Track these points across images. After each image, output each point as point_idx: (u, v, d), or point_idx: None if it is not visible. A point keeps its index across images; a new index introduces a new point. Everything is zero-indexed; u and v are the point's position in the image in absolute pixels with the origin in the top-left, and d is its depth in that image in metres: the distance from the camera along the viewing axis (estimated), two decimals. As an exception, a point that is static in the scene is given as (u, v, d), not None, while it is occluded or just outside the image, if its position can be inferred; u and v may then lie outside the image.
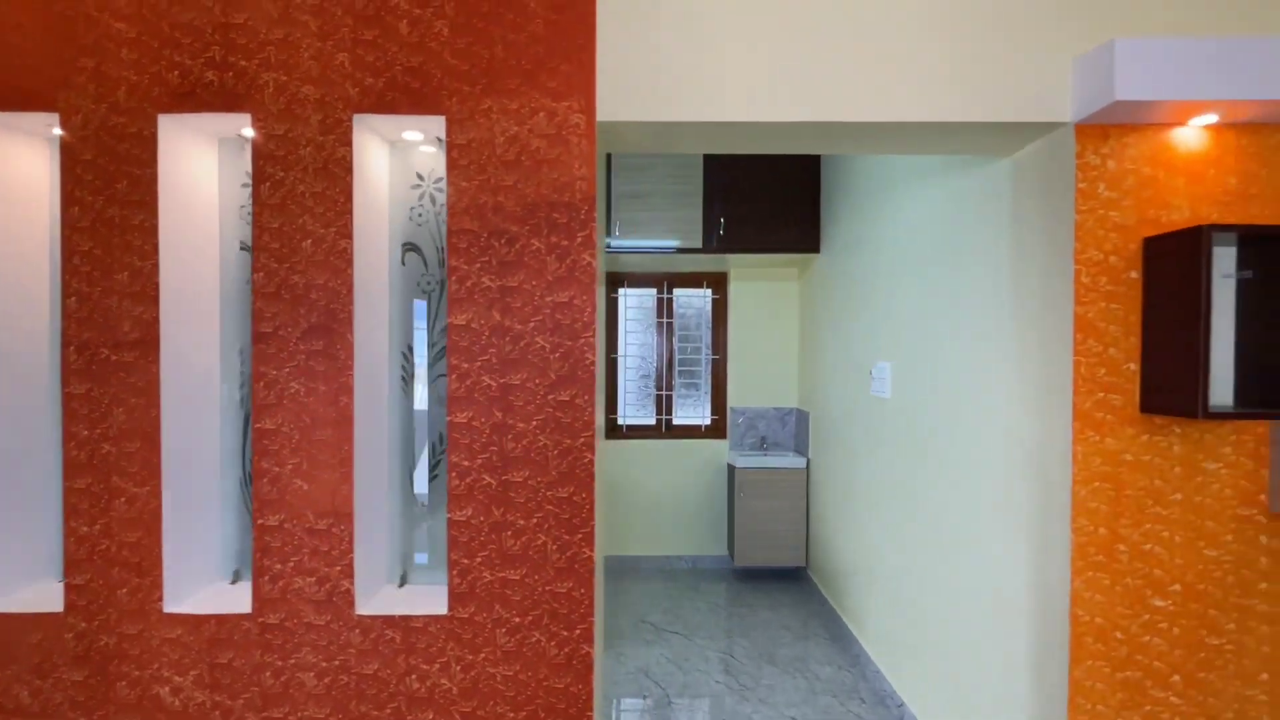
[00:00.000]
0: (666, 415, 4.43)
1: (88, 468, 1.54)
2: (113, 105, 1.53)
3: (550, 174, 1.53)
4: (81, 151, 1.53)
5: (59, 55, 1.53)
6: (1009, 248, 1.83)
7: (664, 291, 4.45)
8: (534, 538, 1.55)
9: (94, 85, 1.53)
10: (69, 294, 1.53)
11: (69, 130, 1.53)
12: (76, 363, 1.53)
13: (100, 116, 1.53)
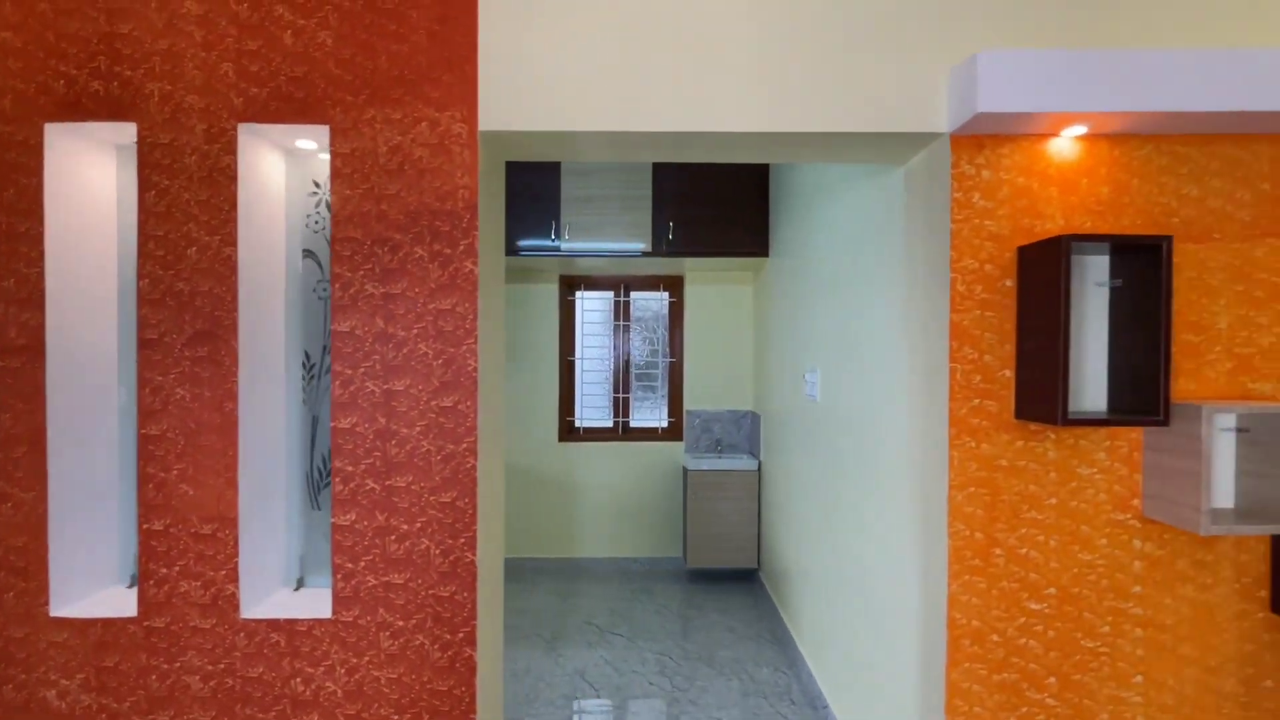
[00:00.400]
0: (624, 418, 4.46)
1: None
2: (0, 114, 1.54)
3: (433, 183, 1.55)
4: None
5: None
6: (902, 256, 1.86)
7: (621, 294, 4.47)
8: (417, 542, 1.57)
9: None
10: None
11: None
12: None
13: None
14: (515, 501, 4.33)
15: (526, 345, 4.33)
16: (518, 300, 4.32)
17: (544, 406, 4.33)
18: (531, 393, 4.33)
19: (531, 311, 4.33)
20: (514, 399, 4.32)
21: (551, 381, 4.33)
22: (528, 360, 4.32)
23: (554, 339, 4.34)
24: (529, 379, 4.32)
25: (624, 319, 4.48)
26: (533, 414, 4.33)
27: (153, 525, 1.55)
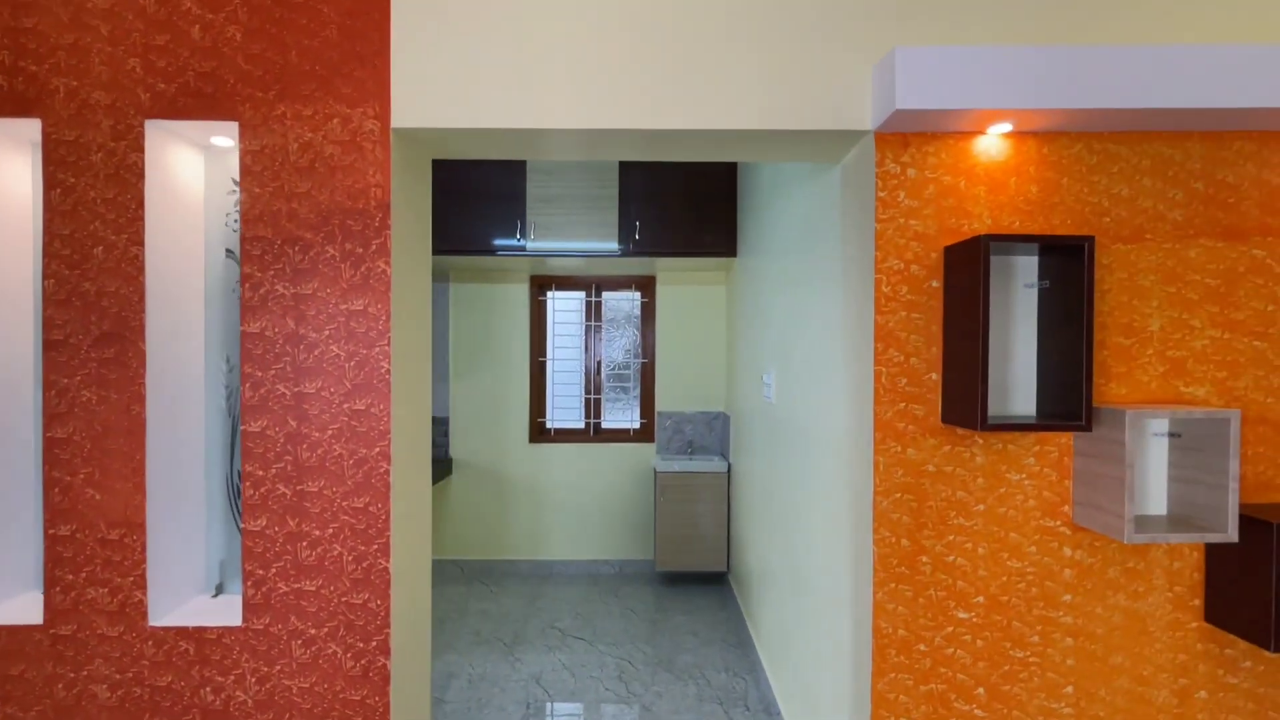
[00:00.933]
0: (595, 419, 4.42)
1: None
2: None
3: (345, 181, 1.52)
4: None
5: None
6: (839, 255, 1.82)
7: (593, 295, 4.44)
8: (330, 548, 1.53)
9: (-118, 89, 1.51)
10: None
11: None
12: None
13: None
14: (484, 503, 4.30)
15: (496, 346, 4.29)
16: (487, 300, 4.29)
17: (514, 408, 4.30)
18: (502, 394, 4.29)
19: (501, 312, 4.29)
20: (484, 400, 4.28)
21: (522, 382, 4.30)
22: (498, 361, 4.29)
23: (524, 339, 4.31)
24: (499, 380, 4.29)
25: (596, 319, 4.44)
26: (503, 415, 4.29)
27: (59, 530, 1.52)
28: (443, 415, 4.28)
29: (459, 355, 4.29)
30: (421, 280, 1.76)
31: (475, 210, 3.72)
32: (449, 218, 3.71)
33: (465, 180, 3.72)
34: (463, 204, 3.72)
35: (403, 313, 1.60)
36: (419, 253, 1.74)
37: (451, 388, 4.28)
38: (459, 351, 4.29)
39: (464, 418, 4.28)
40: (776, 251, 2.65)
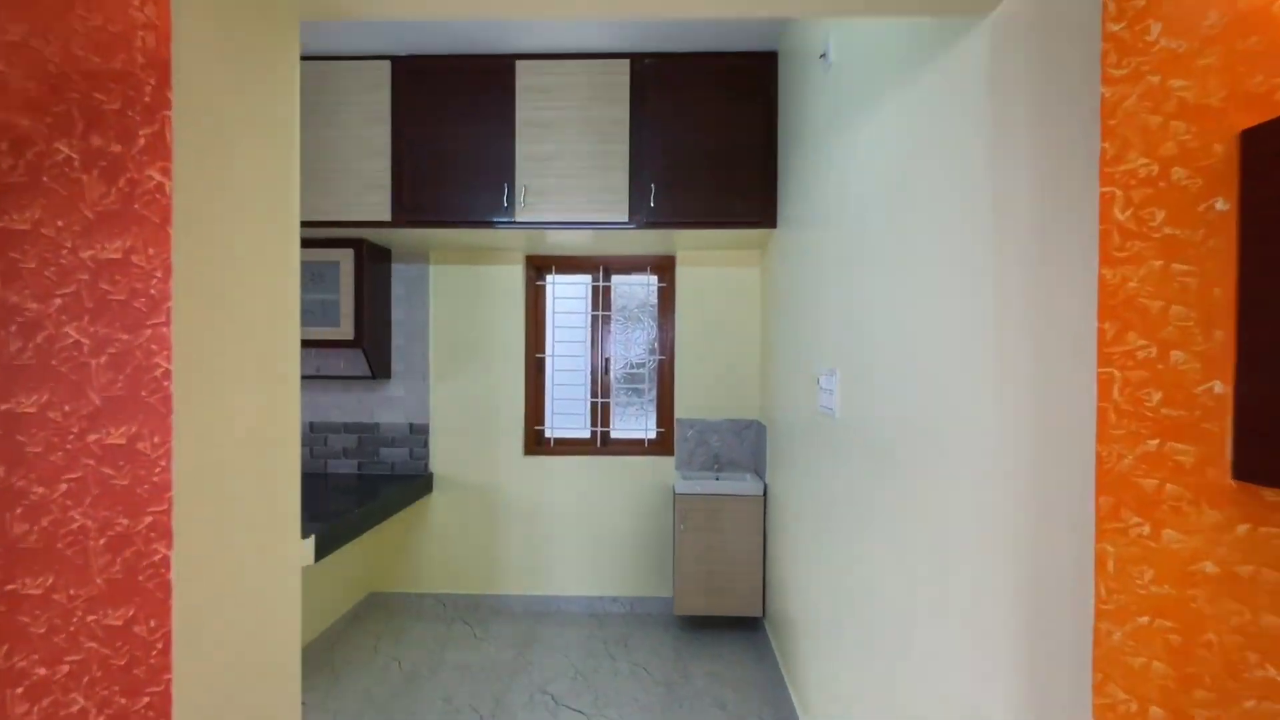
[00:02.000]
0: (603, 427, 3.70)
1: None
2: None
3: (88, 20, 0.81)
4: None
5: None
6: (986, 181, 1.07)
7: (600, 278, 3.72)
8: (64, 699, 0.83)
9: None
10: None
11: None
12: None
13: None
14: (471, 527, 3.61)
15: (486, 340, 3.60)
16: (474, 285, 3.59)
17: (507, 413, 3.60)
18: (492, 397, 3.60)
19: (492, 299, 3.60)
20: (470, 404, 3.59)
21: (516, 383, 3.60)
22: (487, 358, 3.60)
23: (519, 332, 3.61)
24: (489, 381, 3.59)
25: (604, 308, 3.72)
26: (493, 422, 3.60)
27: None
28: (421, 422, 3.59)
29: (440, 351, 3.61)
30: (271, 210, 1.05)
31: (455, 174, 3.02)
32: (425, 183, 3.02)
33: (442, 137, 3.02)
34: (441, 166, 3.02)
35: (204, 262, 0.90)
36: (259, 162, 1.02)
37: (432, 390, 3.60)
38: (441, 346, 3.61)
39: (447, 425, 3.60)
40: (845, 213, 1.90)
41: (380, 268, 3.46)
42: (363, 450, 3.59)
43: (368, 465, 3.59)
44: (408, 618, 3.47)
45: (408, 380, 3.60)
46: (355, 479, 3.45)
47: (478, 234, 3.15)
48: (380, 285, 3.46)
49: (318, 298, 3.28)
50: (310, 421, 3.60)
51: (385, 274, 3.52)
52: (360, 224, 3.07)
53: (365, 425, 3.60)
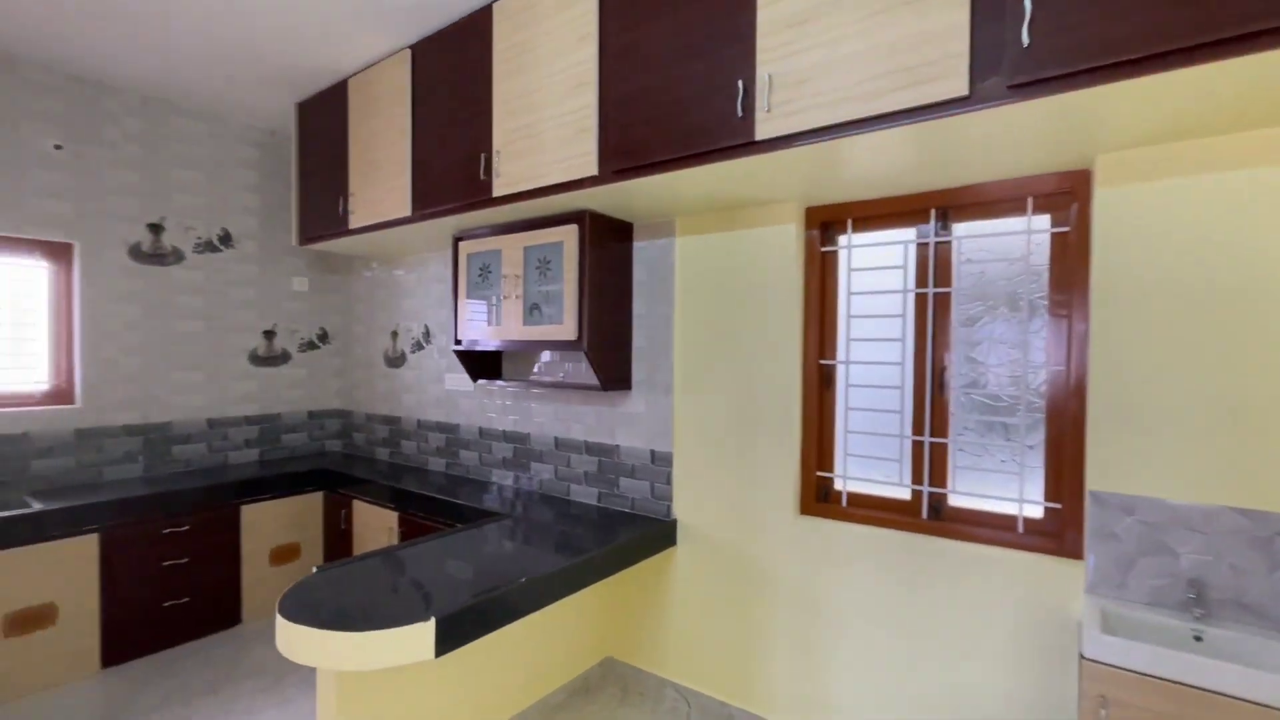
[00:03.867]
0: (934, 486, 2.17)
1: None
2: None
3: None
4: None
5: None
6: None
7: (934, 229, 2.18)
8: None
9: None
10: None
11: None
12: None
13: None
14: (721, 602, 2.54)
15: (744, 337, 2.47)
16: (729, 259, 2.50)
17: (773, 446, 2.40)
18: (752, 420, 2.45)
19: (753, 277, 2.45)
20: (724, 429, 2.52)
21: (789, 403, 2.37)
22: (746, 363, 2.46)
23: (793, 326, 2.37)
24: (747, 396, 2.46)
25: (937, 282, 2.18)
26: (753, 458, 2.45)
27: None
28: (664, 449, 2.68)
29: (687, 354, 2.63)
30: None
31: (664, 84, 2.00)
32: (634, 110, 2.10)
33: (650, 39, 2.04)
34: (647, 79, 2.04)
35: None
36: None
37: (676, 406, 2.65)
38: (687, 348, 2.63)
39: (694, 456, 2.60)
40: None
41: (615, 247, 2.68)
42: (603, 476, 2.87)
43: (608, 497, 2.86)
44: (642, 708, 2.61)
45: (649, 392, 2.73)
46: (595, 511, 2.75)
47: (711, 175, 2.05)
48: (613, 270, 2.67)
49: (543, 289, 2.68)
50: (555, 436, 3.07)
51: (620, 256, 2.72)
52: (560, 187, 2.31)
53: (605, 447, 2.88)
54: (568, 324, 2.58)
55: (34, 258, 3.13)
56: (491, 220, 2.79)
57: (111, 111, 3.30)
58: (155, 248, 3.47)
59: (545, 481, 3.09)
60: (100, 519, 2.86)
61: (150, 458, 3.47)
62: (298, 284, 4.09)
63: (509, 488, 3.20)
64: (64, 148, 3.15)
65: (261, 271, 3.91)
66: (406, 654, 1.62)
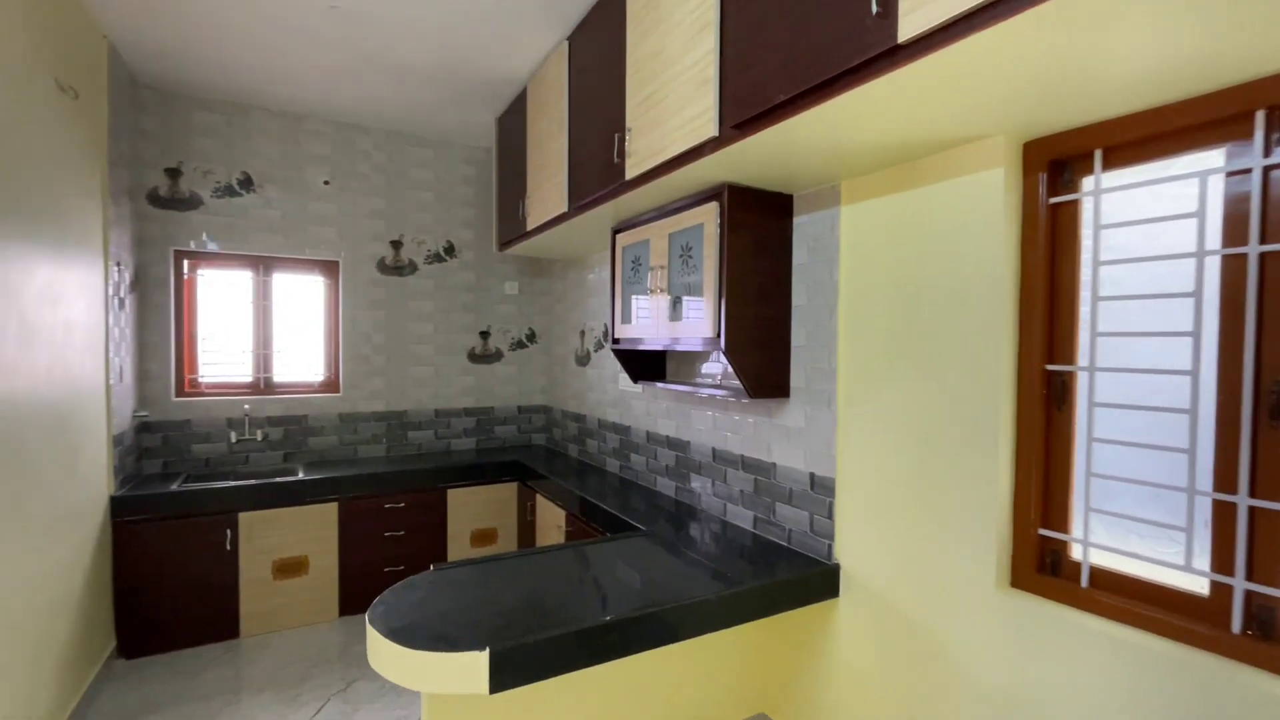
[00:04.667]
0: (1257, 580, 1.28)
1: None
2: None
3: None
4: None
5: None
6: None
7: (1275, 141, 1.28)
8: None
9: None
10: None
11: None
12: None
13: None
14: (894, 683, 1.91)
15: (919, 331, 1.81)
16: (911, 228, 1.86)
17: (965, 488, 1.70)
18: (932, 450, 1.78)
19: (937, 245, 1.77)
20: (903, 457, 1.89)
21: (991, 426, 1.65)
22: (931, 367, 1.80)
23: (1002, 313, 1.64)
24: (926, 414, 1.79)
25: (1266, 235, 1.27)
26: (933, 502, 1.78)
27: None
28: (826, 474, 2.14)
29: (854, 352, 2.05)
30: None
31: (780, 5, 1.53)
32: (754, 46, 1.68)
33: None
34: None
35: None
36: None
37: (840, 422, 2.09)
38: (853, 346, 2.05)
39: (861, 486, 2.02)
40: None
41: (765, 225, 2.22)
42: (759, 499, 2.44)
43: (764, 524, 2.41)
44: (789, 791, 2.13)
45: (808, 403, 2.21)
46: (749, 539, 2.35)
47: (853, 112, 1.51)
48: (764, 253, 2.22)
49: (685, 280, 2.36)
50: (713, 447, 2.72)
51: (774, 235, 2.25)
52: (681, 159, 1.97)
53: (761, 465, 2.43)
54: (706, 319, 2.21)
55: (313, 274, 3.89)
56: (637, 208, 2.56)
57: (364, 149, 3.94)
58: (395, 261, 4.05)
59: (704, 497, 2.76)
60: (339, 490, 3.40)
61: (391, 441, 4.06)
62: (509, 288, 4.43)
63: (669, 499, 2.94)
64: (330, 183, 3.85)
65: (478, 278, 4.32)
66: (456, 683, 1.48)
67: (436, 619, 1.64)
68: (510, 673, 1.51)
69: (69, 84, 2.40)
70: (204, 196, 3.53)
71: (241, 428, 3.64)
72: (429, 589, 1.84)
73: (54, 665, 2.34)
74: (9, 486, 2.00)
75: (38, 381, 2.18)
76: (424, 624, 1.61)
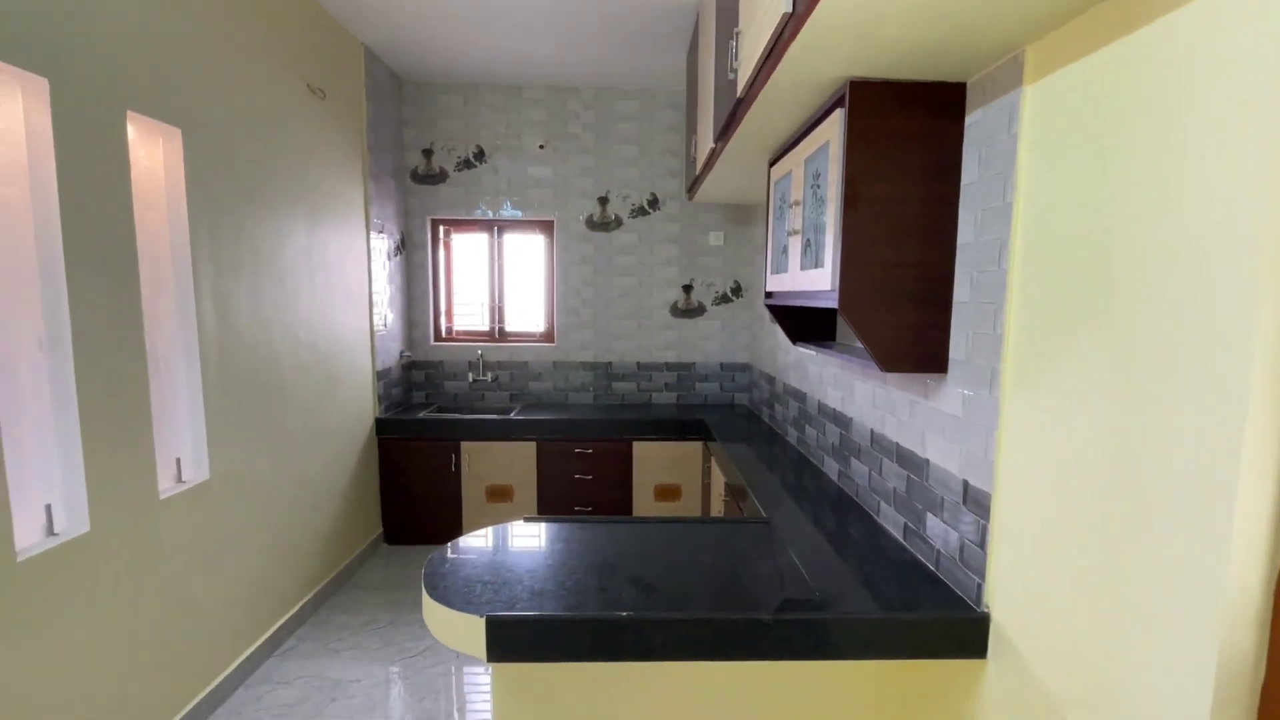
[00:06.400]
0: None
1: None
2: None
3: None
4: None
5: None
6: None
7: None
8: None
9: None
10: None
11: None
12: None
13: None
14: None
15: (1126, 278, 1.07)
16: (1110, 96, 1.10)
17: (1187, 561, 0.98)
18: (1137, 472, 1.05)
19: (1166, 129, 1.00)
20: (1067, 469, 1.20)
21: (1230, 463, 0.91)
22: (1133, 335, 1.07)
23: (1276, 246, 0.87)
24: (1132, 412, 1.06)
25: None
26: (1135, 552, 1.07)
27: None
28: (982, 485, 1.51)
29: (1027, 312, 1.36)
30: None
31: None
32: None
33: None
34: None
35: None
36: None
37: (1004, 411, 1.43)
38: (1028, 300, 1.36)
39: (1027, 508, 1.36)
40: None
41: (912, 133, 1.59)
42: (911, 503, 1.86)
43: (913, 536, 1.84)
44: None
45: (968, 382, 1.56)
46: (893, 550, 1.85)
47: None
48: (907, 174, 1.60)
49: (815, 217, 1.87)
50: (871, 428, 2.17)
51: (928, 145, 1.59)
52: (769, 56, 1.49)
53: (914, 459, 1.84)
54: (825, 266, 1.72)
55: (534, 234, 4.26)
56: (775, 132, 2.10)
57: (574, 109, 4.10)
58: (602, 217, 4.18)
59: (862, 489, 2.24)
60: (538, 431, 3.74)
61: (597, 390, 4.30)
62: (713, 238, 4.20)
63: (831, 484, 2.47)
64: (545, 146, 4.12)
65: (682, 229, 4.19)
66: (464, 643, 1.47)
67: (486, 571, 1.66)
68: (507, 646, 1.44)
69: (318, 86, 2.98)
70: (449, 170, 4.12)
71: (478, 369, 4.26)
72: (499, 540, 1.87)
73: (327, 536, 3.12)
74: (322, 404, 2.76)
75: (320, 324, 2.90)
76: (465, 576, 1.64)
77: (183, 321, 2.20)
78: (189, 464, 2.25)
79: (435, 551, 1.78)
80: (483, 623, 1.43)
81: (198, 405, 2.24)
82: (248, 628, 2.49)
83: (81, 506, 1.74)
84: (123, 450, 1.87)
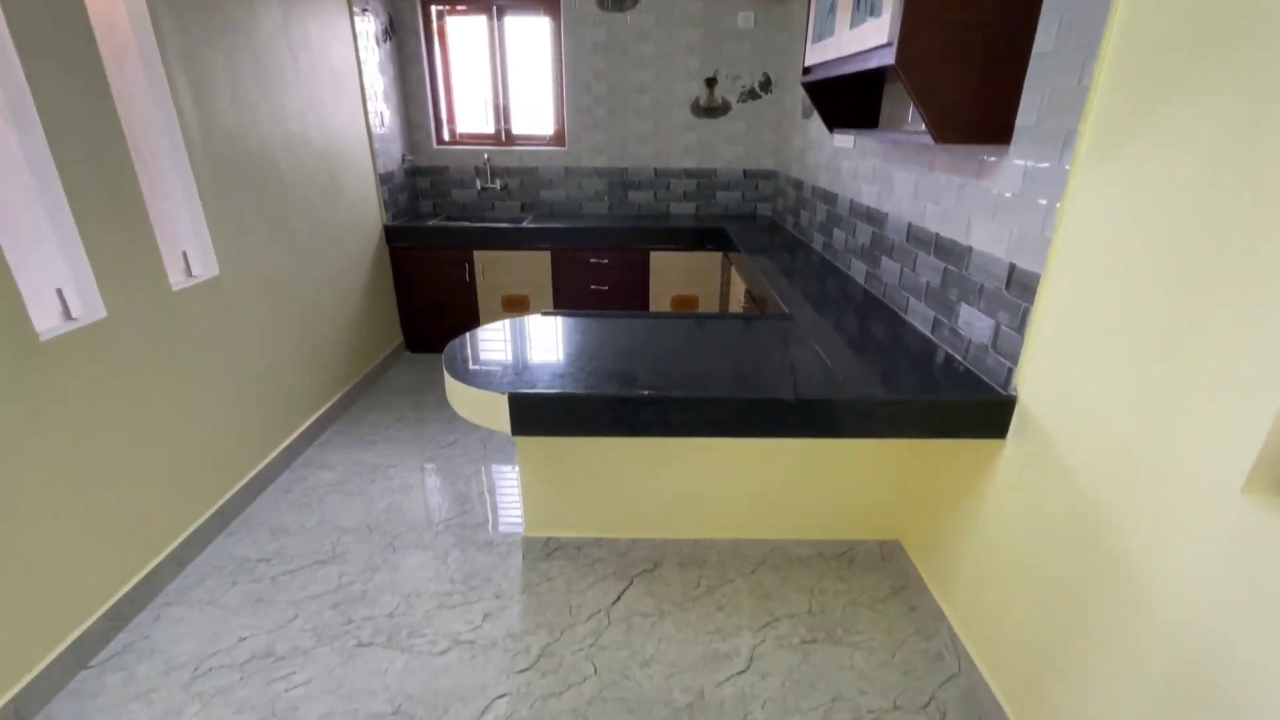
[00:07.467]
0: None
1: None
2: None
3: None
4: None
5: None
6: None
7: None
8: None
9: None
10: None
11: None
12: None
13: None
14: (1030, 577, 1.37)
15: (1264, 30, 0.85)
16: None
17: (1254, 341, 0.90)
18: (1221, 281, 0.94)
19: None
20: (1138, 245, 1.08)
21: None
22: (1270, 69, 0.88)
23: None
24: (1246, 164, 0.92)
25: None
26: (1195, 353, 0.99)
27: None
28: (1030, 267, 1.40)
29: (1121, 72, 1.14)
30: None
31: None
32: None
33: None
34: None
35: None
36: None
37: (1072, 185, 1.27)
38: (1122, 57, 1.13)
39: (1076, 297, 1.27)
40: None
41: None
42: (944, 295, 1.78)
43: (941, 329, 1.79)
44: (902, 623, 1.85)
45: (1033, 153, 1.38)
46: (918, 346, 1.80)
47: None
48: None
49: (876, -47, 1.55)
50: (909, 222, 2.02)
51: None
52: None
53: (956, 248, 1.72)
54: (883, 14, 1.45)
55: (538, 14, 3.75)
56: None
57: None
58: (616, -7, 3.63)
59: (889, 287, 2.15)
60: (552, 240, 3.62)
61: (612, 199, 4.08)
62: (742, 20, 3.68)
63: (857, 286, 2.38)
64: (547, -103, 3.44)
65: (706, 8, 3.65)
66: (491, 419, 1.50)
67: (506, 357, 1.65)
68: (531, 420, 1.47)
69: None
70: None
71: (485, 176, 4.02)
72: (516, 331, 1.85)
73: (349, 341, 3.17)
74: (328, 205, 2.67)
75: (312, 117, 2.64)
76: (485, 360, 1.64)
77: (158, 100, 2.00)
78: (196, 259, 2.19)
79: (455, 339, 1.77)
80: (505, 399, 1.44)
81: (192, 193, 2.12)
82: (279, 424, 2.62)
83: (91, 290, 1.71)
84: (121, 234, 1.80)
